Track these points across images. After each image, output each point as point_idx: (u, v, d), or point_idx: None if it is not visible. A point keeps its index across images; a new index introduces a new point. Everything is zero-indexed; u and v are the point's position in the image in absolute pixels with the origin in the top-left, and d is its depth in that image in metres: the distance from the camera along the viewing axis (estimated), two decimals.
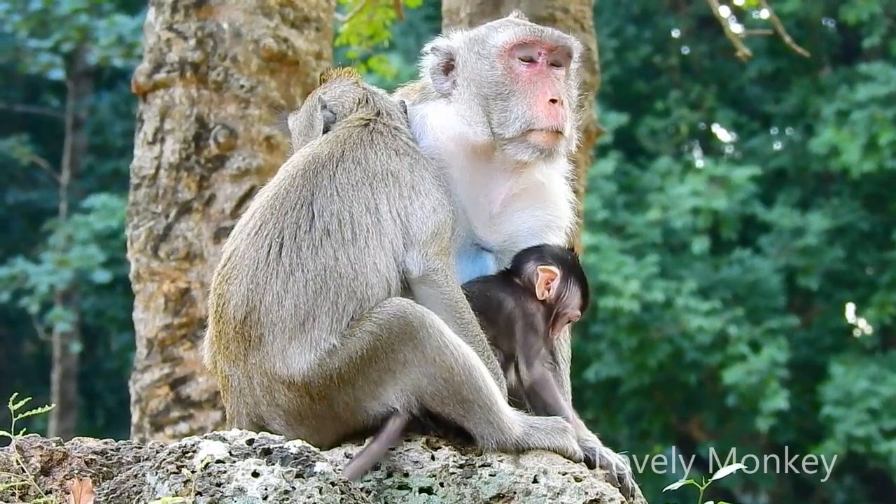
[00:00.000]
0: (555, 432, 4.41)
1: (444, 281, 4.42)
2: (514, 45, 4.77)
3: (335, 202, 4.43)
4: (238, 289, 4.40)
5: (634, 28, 26.31)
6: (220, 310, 4.45)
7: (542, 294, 4.58)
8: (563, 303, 4.61)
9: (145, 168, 7.61)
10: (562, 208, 4.95)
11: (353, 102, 4.83)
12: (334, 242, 4.37)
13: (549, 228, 4.85)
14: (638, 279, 21.84)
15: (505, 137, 4.68)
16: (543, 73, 4.74)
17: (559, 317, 4.61)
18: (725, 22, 9.79)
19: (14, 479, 4.18)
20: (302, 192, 4.47)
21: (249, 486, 3.95)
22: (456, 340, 4.31)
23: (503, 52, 4.76)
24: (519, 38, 4.77)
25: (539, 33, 4.78)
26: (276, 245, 4.40)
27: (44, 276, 23.14)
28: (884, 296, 23.17)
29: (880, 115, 22.29)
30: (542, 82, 4.73)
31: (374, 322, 4.28)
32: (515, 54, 4.77)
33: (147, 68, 7.69)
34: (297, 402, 4.32)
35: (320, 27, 7.81)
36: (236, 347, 4.39)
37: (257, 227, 4.47)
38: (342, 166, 4.51)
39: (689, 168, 24.65)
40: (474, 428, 4.32)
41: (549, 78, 4.73)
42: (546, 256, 4.65)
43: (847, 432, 21.38)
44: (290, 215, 4.44)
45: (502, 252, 4.79)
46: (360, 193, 4.46)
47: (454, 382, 4.27)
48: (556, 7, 8.68)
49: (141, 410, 7.52)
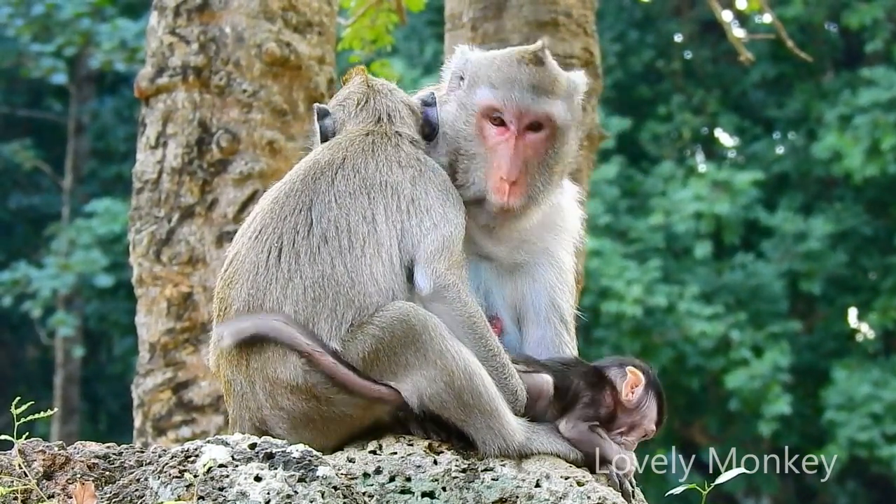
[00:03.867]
0: (556, 436, 4.42)
1: (455, 297, 4.37)
2: (487, 106, 4.63)
3: (333, 209, 4.41)
4: (239, 293, 4.40)
5: (637, 32, 26.32)
6: (222, 314, 4.46)
7: (626, 394, 4.54)
8: (641, 412, 4.56)
9: (148, 172, 7.61)
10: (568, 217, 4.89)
11: (354, 105, 4.78)
12: (332, 250, 4.36)
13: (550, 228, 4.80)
14: (640, 284, 21.85)
15: (463, 196, 4.60)
16: (510, 141, 4.60)
17: (635, 426, 4.56)
18: (728, 26, 9.79)
19: (16, 483, 4.17)
20: (301, 197, 4.45)
21: (252, 490, 3.95)
22: (458, 346, 4.30)
23: (479, 110, 4.64)
24: (491, 102, 4.62)
25: (509, 101, 4.60)
26: (276, 250, 4.39)
27: (46, 280, 23.15)
28: (886, 300, 23.17)
29: (883, 119, 22.29)
30: (504, 153, 4.59)
31: (377, 325, 4.28)
32: (489, 114, 4.63)
33: (149, 72, 7.69)
34: (302, 404, 4.30)
35: (323, 31, 7.81)
36: (238, 352, 4.39)
37: (258, 231, 4.46)
38: (341, 173, 4.48)
39: (691, 172, 24.65)
40: (476, 433, 4.31)
41: (513, 148, 4.59)
42: (630, 364, 4.62)
43: (849, 437, 21.38)
44: (289, 220, 4.42)
45: (502, 260, 4.76)
46: (358, 202, 4.42)
47: (455, 387, 4.27)
48: (558, 12, 8.67)
49: (143, 415, 7.52)
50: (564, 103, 4.70)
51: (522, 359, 4.57)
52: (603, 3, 24.35)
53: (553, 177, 4.69)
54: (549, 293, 4.77)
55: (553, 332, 4.75)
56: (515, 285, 4.80)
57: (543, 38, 5.11)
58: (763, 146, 25.90)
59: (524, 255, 4.78)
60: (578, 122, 4.82)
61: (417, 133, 4.71)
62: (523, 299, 4.79)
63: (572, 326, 4.82)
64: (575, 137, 4.79)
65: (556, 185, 4.72)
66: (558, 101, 4.67)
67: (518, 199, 4.60)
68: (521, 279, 4.80)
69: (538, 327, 4.77)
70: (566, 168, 4.78)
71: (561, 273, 4.82)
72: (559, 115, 4.66)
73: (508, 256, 4.77)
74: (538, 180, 4.65)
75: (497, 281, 4.79)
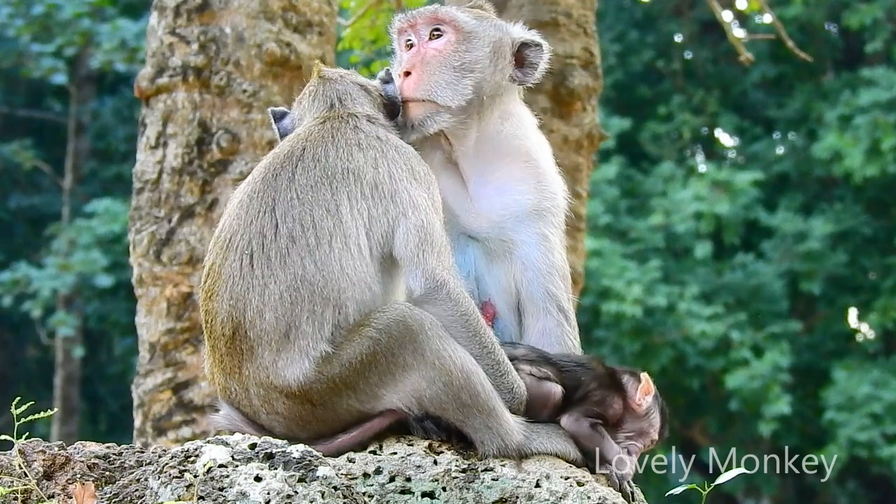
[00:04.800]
0: (556, 436, 4.41)
1: (446, 297, 4.32)
2: (396, 34, 4.89)
3: (296, 206, 4.33)
4: (221, 305, 4.36)
5: (637, 33, 26.32)
6: (209, 326, 4.42)
7: (639, 399, 4.56)
8: (648, 419, 4.58)
9: (148, 172, 7.61)
10: (549, 187, 4.86)
11: (308, 98, 4.75)
12: (300, 249, 4.29)
13: (539, 213, 4.79)
14: (641, 284, 21.84)
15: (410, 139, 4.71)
16: (414, 51, 4.80)
17: (642, 432, 4.58)
18: (728, 27, 9.79)
19: (16, 483, 4.17)
20: (264, 198, 4.38)
21: (252, 490, 3.95)
22: (454, 346, 4.28)
23: (395, 42, 4.90)
24: (395, 29, 4.89)
25: (409, 15, 4.85)
26: (247, 257, 4.33)
27: (46, 280, 23.14)
28: (886, 301, 23.16)
29: (883, 119, 22.28)
30: (405, 56, 4.82)
31: (374, 327, 4.25)
32: (402, 41, 4.87)
33: (150, 73, 7.69)
34: (299, 409, 4.29)
35: (323, 31, 7.81)
36: (230, 361, 4.36)
37: (227, 239, 4.40)
38: (301, 166, 4.40)
39: (691, 173, 24.65)
40: (474, 433, 4.30)
41: (415, 52, 4.78)
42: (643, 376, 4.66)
43: (850, 437, 21.38)
44: (255, 224, 4.35)
45: (489, 241, 4.73)
46: (320, 195, 4.35)
47: (453, 386, 4.25)
48: (558, 12, 8.68)
49: (143, 415, 7.52)
50: (471, 16, 4.85)
51: (536, 355, 4.55)
52: (603, 3, 24.35)
53: (462, 79, 4.74)
54: (542, 281, 4.74)
55: (554, 323, 4.73)
56: (506, 270, 4.77)
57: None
58: (763, 146, 25.90)
59: (511, 233, 4.75)
60: (495, 41, 4.84)
61: (377, 111, 4.67)
62: (518, 289, 4.77)
63: (572, 314, 4.80)
64: (491, 53, 4.81)
65: (465, 87, 4.74)
66: (462, 13, 4.83)
67: (411, 90, 4.70)
68: (512, 264, 4.77)
69: (538, 319, 4.75)
70: (482, 79, 4.78)
71: (551, 257, 4.78)
72: (461, 19, 4.81)
73: (493, 231, 4.74)
74: (440, 78, 4.72)
75: (487, 265, 4.77)
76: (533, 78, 4.90)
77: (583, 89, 8.70)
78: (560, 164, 5.07)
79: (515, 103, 4.96)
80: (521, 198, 4.78)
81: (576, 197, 8.57)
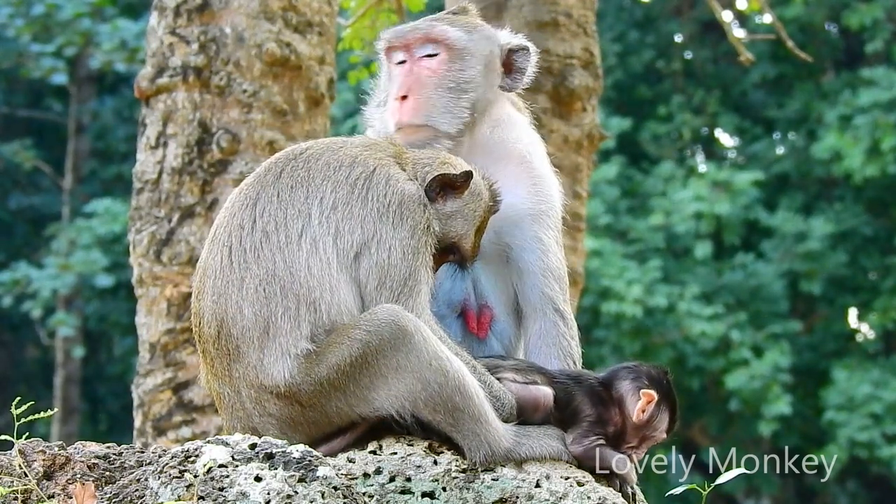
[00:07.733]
0: (546, 438, 4.36)
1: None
2: (385, 51, 4.80)
3: (274, 203, 4.33)
4: (207, 304, 4.34)
5: (637, 33, 26.32)
6: (198, 328, 4.40)
7: (637, 417, 4.46)
8: (653, 426, 4.50)
9: (148, 172, 7.61)
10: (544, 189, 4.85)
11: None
12: (272, 245, 4.28)
13: (534, 216, 4.77)
14: (641, 284, 21.84)
15: None
16: (404, 67, 4.73)
17: (646, 439, 4.51)
18: (728, 27, 9.79)
19: (16, 483, 4.17)
20: (250, 192, 4.39)
21: (252, 490, 3.95)
22: (447, 349, 4.25)
23: (384, 58, 4.80)
24: (384, 46, 4.79)
25: (400, 32, 4.75)
26: (226, 250, 4.32)
27: (46, 280, 23.15)
28: (886, 301, 23.17)
29: (883, 120, 22.29)
30: (397, 78, 4.72)
31: (364, 329, 4.20)
32: (392, 59, 4.78)
33: (150, 73, 7.69)
34: (288, 410, 4.27)
35: (323, 32, 7.81)
36: (220, 363, 4.34)
37: (213, 233, 4.41)
38: (292, 165, 4.40)
39: (691, 173, 24.65)
40: (463, 440, 4.25)
41: (407, 72, 4.70)
42: (644, 378, 4.52)
43: (850, 437, 21.38)
44: (237, 217, 4.36)
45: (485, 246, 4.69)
46: (296, 196, 4.34)
47: (448, 388, 4.20)
48: (558, 12, 8.68)
49: (143, 415, 7.52)
50: (463, 31, 4.77)
51: (525, 365, 4.54)
52: (603, 3, 24.35)
53: (459, 101, 4.71)
54: (538, 284, 4.74)
55: (550, 324, 4.73)
56: (503, 274, 4.78)
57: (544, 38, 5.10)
58: (763, 146, 25.90)
59: (506, 237, 4.75)
60: (486, 54, 4.80)
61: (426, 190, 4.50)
62: (515, 293, 4.78)
63: (569, 315, 4.79)
64: (483, 69, 4.78)
65: (462, 110, 4.72)
66: (454, 28, 4.75)
67: (410, 115, 4.65)
68: (508, 268, 4.78)
69: (535, 321, 4.75)
70: (476, 98, 4.75)
71: (546, 260, 4.77)
72: (453, 37, 4.74)
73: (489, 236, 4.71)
74: (437, 102, 4.68)
75: (484, 269, 4.76)
76: (521, 83, 4.89)
77: (583, 89, 8.70)
78: (560, 164, 5.08)
79: (506, 107, 4.94)
80: (516, 201, 4.77)
81: (576, 197, 8.57)
